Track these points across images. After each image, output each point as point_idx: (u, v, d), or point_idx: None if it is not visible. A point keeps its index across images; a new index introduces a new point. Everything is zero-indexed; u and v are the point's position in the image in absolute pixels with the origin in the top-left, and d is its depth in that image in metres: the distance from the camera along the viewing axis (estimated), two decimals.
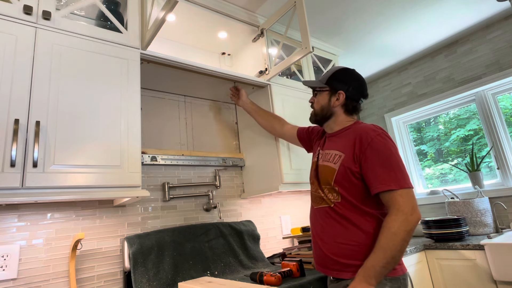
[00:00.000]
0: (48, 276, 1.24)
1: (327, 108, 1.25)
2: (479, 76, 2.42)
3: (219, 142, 1.99)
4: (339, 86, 1.23)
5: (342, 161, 1.13)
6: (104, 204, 1.45)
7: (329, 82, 1.25)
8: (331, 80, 1.24)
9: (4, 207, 1.22)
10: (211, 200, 1.78)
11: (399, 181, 1.01)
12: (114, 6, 1.48)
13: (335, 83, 1.24)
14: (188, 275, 1.42)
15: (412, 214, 0.98)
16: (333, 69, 1.28)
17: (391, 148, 1.07)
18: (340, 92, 1.22)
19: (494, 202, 2.25)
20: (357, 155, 1.10)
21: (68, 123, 1.12)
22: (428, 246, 2.00)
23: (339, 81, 1.24)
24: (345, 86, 1.23)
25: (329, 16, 2.07)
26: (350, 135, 1.16)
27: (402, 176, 1.02)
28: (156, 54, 1.44)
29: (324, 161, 1.21)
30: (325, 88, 1.26)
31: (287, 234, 2.09)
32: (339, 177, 1.13)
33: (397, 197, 1.00)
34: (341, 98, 1.22)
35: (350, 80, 1.24)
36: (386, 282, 1.04)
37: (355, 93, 1.23)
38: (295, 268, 1.33)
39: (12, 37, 1.08)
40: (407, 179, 1.03)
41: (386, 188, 1.02)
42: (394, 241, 0.97)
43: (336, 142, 1.21)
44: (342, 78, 1.24)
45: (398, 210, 0.99)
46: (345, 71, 1.26)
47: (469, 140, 2.53)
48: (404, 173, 1.04)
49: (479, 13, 2.23)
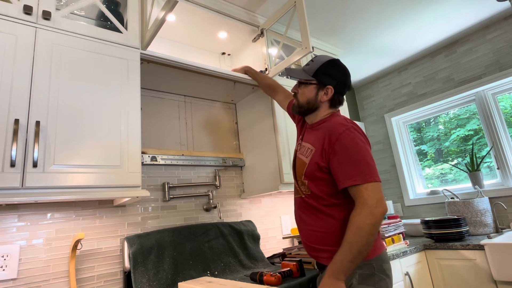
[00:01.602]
0: (48, 276, 1.24)
1: (314, 102, 1.22)
2: (479, 76, 2.42)
3: (219, 142, 1.99)
4: (328, 81, 1.20)
5: (312, 156, 1.15)
6: (104, 204, 1.45)
7: (316, 75, 1.21)
8: (319, 73, 1.21)
9: (4, 207, 1.22)
10: (211, 200, 1.78)
11: (364, 175, 1.02)
12: (114, 6, 1.48)
13: (323, 77, 1.20)
14: (188, 275, 1.42)
15: (377, 207, 0.98)
16: (319, 60, 1.23)
17: (359, 143, 1.06)
18: (329, 87, 1.20)
19: (494, 202, 2.25)
20: (326, 150, 1.11)
21: (68, 123, 1.12)
22: (428, 246, 2.00)
23: (327, 75, 1.20)
24: (333, 81, 1.20)
25: (329, 16, 2.07)
26: (323, 129, 1.17)
27: (368, 170, 1.02)
28: (156, 54, 1.44)
29: (300, 154, 1.24)
30: (312, 81, 1.22)
31: (287, 234, 2.09)
32: (308, 171, 1.16)
33: (363, 190, 1.01)
34: (329, 93, 1.21)
35: (338, 74, 1.21)
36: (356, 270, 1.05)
37: (342, 87, 1.22)
38: (295, 268, 1.33)
39: (12, 37, 1.08)
40: (373, 172, 1.03)
41: (351, 183, 1.03)
42: (359, 236, 0.98)
43: (312, 134, 1.22)
44: (330, 72, 1.21)
45: (363, 204, 1.00)
46: (333, 63, 1.23)
47: (469, 140, 2.53)
48: (370, 166, 1.03)
49: (479, 13, 2.23)
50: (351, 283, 1.05)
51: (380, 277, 1.07)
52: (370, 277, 1.06)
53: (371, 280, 1.06)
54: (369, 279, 1.06)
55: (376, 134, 3.11)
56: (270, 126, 1.82)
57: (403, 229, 1.98)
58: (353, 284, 1.05)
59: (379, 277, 1.07)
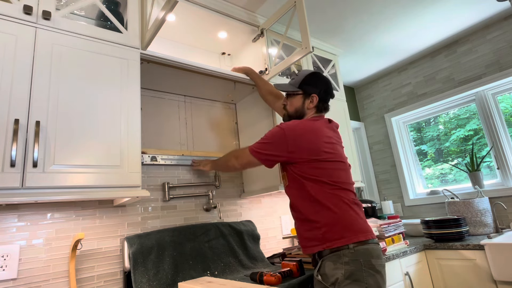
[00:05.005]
0: (48, 276, 1.24)
1: (301, 110, 1.39)
2: (479, 76, 2.42)
3: (219, 142, 1.99)
4: (312, 90, 1.37)
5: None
6: (104, 204, 1.45)
7: (301, 86, 1.38)
8: (303, 85, 1.38)
9: (4, 207, 1.22)
10: (211, 200, 1.78)
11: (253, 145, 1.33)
12: (114, 6, 1.48)
13: (307, 87, 1.37)
14: (188, 275, 1.42)
15: (237, 159, 1.39)
16: (303, 74, 1.41)
17: (276, 129, 1.28)
18: (314, 96, 1.36)
19: (494, 202, 2.25)
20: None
21: (68, 123, 1.12)
22: (428, 246, 2.00)
23: (310, 85, 1.37)
24: (317, 89, 1.37)
25: (329, 16, 2.07)
26: None
27: (256, 144, 1.31)
28: (156, 54, 1.44)
29: None
30: (298, 92, 1.39)
31: (287, 234, 2.09)
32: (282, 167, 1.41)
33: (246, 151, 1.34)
34: (314, 100, 1.36)
35: (320, 84, 1.38)
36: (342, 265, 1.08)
37: (325, 95, 1.38)
38: (295, 268, 1.33)
39: (12, 37, 1.08)
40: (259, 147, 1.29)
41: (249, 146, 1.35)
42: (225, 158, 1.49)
43: None
44: (313, 82, 1.38)
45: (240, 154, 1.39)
46: (315, 75, 1.40)
47: (469, 140, 2.53)
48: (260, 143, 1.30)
49: (479, 13, 2.23)
50: (336, 278, 1.07)
51: (369, 273, 1.08)
52: (357, 272, 1.07)
53: (357, 275, 1.07)
54: (355, 274, 1.07)
55: (376, 134, 3.11)
56: (270, 126, 1.82)
57: (403, 229, 1.98)
58: (338, 279, 1.06)
59: (368, 272, 1.08)
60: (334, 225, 1.13)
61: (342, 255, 1.09)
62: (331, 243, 1.12)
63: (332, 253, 1.11)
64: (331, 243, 1.12)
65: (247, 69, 1.80)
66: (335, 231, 1.13)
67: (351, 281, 1.06)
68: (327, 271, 1.10)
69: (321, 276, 1.11)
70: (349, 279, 1.06)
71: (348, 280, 1.06)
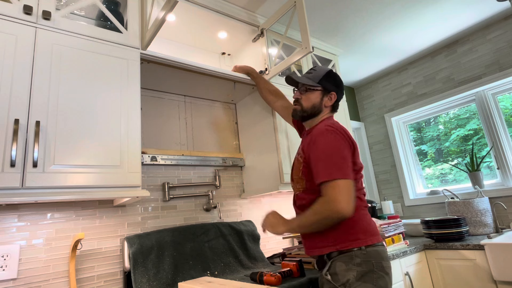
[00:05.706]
0: (48, 276, 1.24)
1: (318, 107, 1.31)
2: (479, 76, 2.42)
3: (219, 142, 1.99)
4: (332, 88, 1.32)
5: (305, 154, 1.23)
6: (104, 204, 1.45)
7: (321, 82, 1.32)
8: (323, 81, 1.32)
9: (4, 207, 1.22)
10: (211, 200, 1.78)
11: (331, 174, 1.08)
12: (114, 6, 1.48)
13: (327, 84, 1.32)
14: (188, 275, 1.42)
15: (334, 202, 1.05)
16: (323, 69, 1.35)
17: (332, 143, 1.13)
18: (333, 93, 1.32)
19: (494, 202, 2.25)
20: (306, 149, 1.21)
21: (68, 123, 1.12)
22: (428, 246, 2.00)
23: (330, 83, 1.32)
24: (336, 88, 1.33)
25: (329, 16, 2.07)
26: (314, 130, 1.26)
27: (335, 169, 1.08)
28: (156, 54, 1.44)
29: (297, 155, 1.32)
30: (317, 87, 1.32)
31: (287, 234, 2.09)
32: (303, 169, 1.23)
33: (328, 188, 1.08)
34: (333, 98, 1.32)
35: (337, 82, 1.34)
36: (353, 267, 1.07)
37: (340, 95, 1.36)
38: (295, 268, 1.33)
39: (12, 37, 1.08)
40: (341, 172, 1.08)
41: (320, 180, 1.10)
42: (312, 216, 1.10)
43: (307, 137, 1.28)
44: (332, 80, 1.33)
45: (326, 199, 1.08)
46: (333, 73, 1.35)
47: (469, 140, 2.53)
48: (338, 165, 1.09)
49: (479, 13, 2.23)
50: (347, 279, 1.06)
51: (379, 275, 1.08)
52: (369, 274, 1.07)
53: (369, 277, 1.06)
54: (367, 276, 1.06)
55: (376, 134, 3.11)
56: (270, 126, 1.82)
57: (403, 229, 1.98)
58: (350, 280, 1.06)
59: (378, 274, 1.08)
60: (351, 227, 1.12)
61: (354, 256, 1.09)
62: (344, 244, 1.11)
63: (342, 254, 1.10)
64: (344, 244, 1.11)
65: (248, 68, 1.79)
66: (351, 233, 1.11)
67: (362, 282, 1.05)
68: (338, 271, 1.09)
69: (331, 276, 1.10)
70: (360, 281, 1.05)
71: (359, 282, 1.05)
